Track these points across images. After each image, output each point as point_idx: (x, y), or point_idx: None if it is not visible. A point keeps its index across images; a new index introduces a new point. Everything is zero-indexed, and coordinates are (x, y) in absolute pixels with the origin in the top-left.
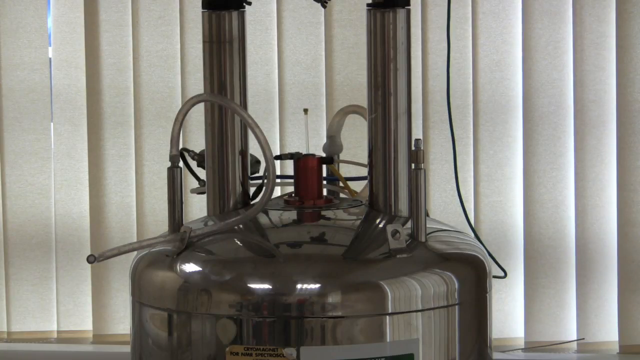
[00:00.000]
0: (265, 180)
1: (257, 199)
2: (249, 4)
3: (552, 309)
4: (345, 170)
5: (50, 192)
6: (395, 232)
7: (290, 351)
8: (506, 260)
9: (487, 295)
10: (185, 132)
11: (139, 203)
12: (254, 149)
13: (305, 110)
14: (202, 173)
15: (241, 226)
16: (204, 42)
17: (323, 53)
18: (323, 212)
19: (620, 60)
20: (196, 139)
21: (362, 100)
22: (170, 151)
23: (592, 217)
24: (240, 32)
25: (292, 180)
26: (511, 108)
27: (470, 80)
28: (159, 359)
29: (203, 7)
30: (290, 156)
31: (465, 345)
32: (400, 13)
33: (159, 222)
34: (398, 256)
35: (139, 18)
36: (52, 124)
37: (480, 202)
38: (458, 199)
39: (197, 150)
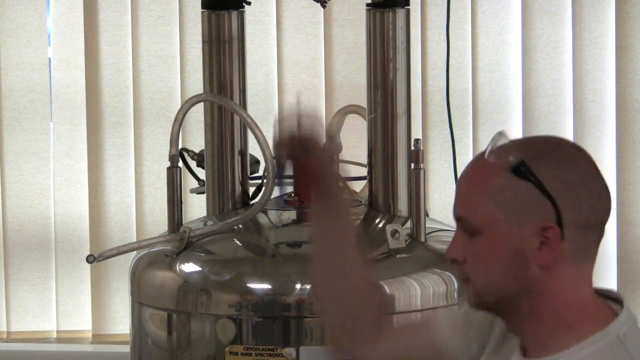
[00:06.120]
0: (265, 180)
1: (257, 199)
2: (249, 3)
3: None
4: (344, 170)
5: (50, 192)
6: (394, 232)
7: (289, 351)
8: None
9: None
10: (185, 132)
11: (138, 203)
12: (254, 148)
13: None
14: (201, 173)
15: (240, 226)
16: (203, 42)
17: (322, 53)
18: None
19: (619, 60)
20: (196, 139)
21: (362, 100)
22: (170, 151)
23: None
24: (240, 32)
25: (291, 180)
26: (510, 108)
27: (470, 80)
28: (158, 358)
29: (202, 7)
30: None
31: None
32: (400, 13)
33: (158, 222)
34: (398, 256)
35: (138, 18)
36: (51, 123)
37: None
38: None
39: (197, 150)
